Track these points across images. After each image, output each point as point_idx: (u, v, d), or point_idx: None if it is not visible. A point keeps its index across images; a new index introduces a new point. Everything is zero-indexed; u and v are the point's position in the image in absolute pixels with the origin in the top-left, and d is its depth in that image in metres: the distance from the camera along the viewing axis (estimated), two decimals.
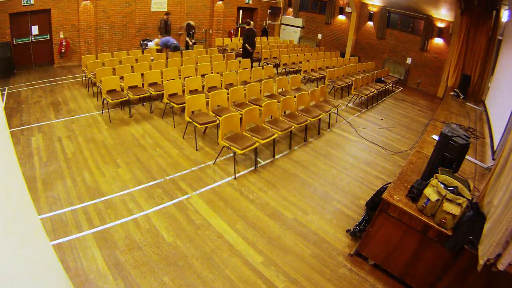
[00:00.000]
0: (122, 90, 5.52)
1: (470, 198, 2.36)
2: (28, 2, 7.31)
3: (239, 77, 6.44)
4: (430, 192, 2.43)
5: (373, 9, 11.19)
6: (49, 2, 7.68)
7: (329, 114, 6.03)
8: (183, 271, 2.69)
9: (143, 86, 5.79)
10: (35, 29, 7.80)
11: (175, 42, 7.71)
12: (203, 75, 6.33)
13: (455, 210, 2.28)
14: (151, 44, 8.47)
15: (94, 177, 3.84)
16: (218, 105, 5.26)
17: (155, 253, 2.84)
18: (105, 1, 8.66)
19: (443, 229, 2.36)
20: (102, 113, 5.58)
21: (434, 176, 2.54)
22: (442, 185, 2.41)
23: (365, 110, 7.50)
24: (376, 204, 3.37)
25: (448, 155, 2.70)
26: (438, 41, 9.92)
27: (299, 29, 13.26)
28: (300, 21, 13.16)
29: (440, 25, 9.68)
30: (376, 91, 7.75)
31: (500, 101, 4.89)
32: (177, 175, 4.05)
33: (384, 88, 8.59)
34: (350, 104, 7.71)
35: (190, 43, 8.55)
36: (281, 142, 5.24)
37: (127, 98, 5.38)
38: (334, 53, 11.06)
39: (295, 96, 5.45)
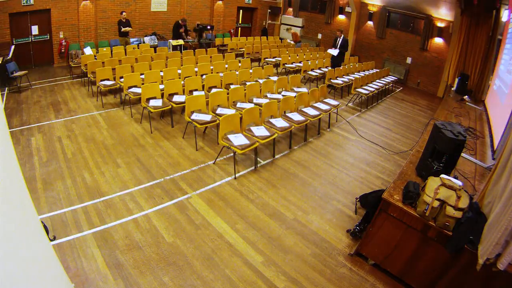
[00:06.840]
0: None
1: (470, 199, 2.35)
2: (28, 2, 7.31)
3: (239, 77, 6.43)
4: (430, 198, 2.40)
5: (373, 9, 11.19)
6: (49, 2, 7.68)
7: (329, 114, 6.03)
8: (183, 271, 2.69)
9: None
10: (35, 29, 7.80)
11: None
12: (203, 75, 6.33)
13: (457, 213, 2.28)
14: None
15: (94, 177, 3.84)
16: (218, 105, 5.26)
17: (155, 253, 2.84)
18: (105, 1, 8.66)
19: (444, 230, 2.36)
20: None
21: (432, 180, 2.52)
22: (442, 189, 2.39)
23: (365, 110, 7.49)
24: (369, 203, 3.39)
25: (437, 147, 2.70)
26: (438, 41, 9.92)
27: (299, 28, 13.26)
28: (300, 20, 13.16)
29: (440, 24, 9.68)
30: (376, 91, 7.75)
31: (500, 101, 4.88)
32: (177, 175, 4.05)
33: (384, 88, 8.59)
34: (350, 104, 7.71)
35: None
36: (281, 142, 5.24)
37: (129, 97, 5.37)
38: None
39: (295, 96, 5.44)
